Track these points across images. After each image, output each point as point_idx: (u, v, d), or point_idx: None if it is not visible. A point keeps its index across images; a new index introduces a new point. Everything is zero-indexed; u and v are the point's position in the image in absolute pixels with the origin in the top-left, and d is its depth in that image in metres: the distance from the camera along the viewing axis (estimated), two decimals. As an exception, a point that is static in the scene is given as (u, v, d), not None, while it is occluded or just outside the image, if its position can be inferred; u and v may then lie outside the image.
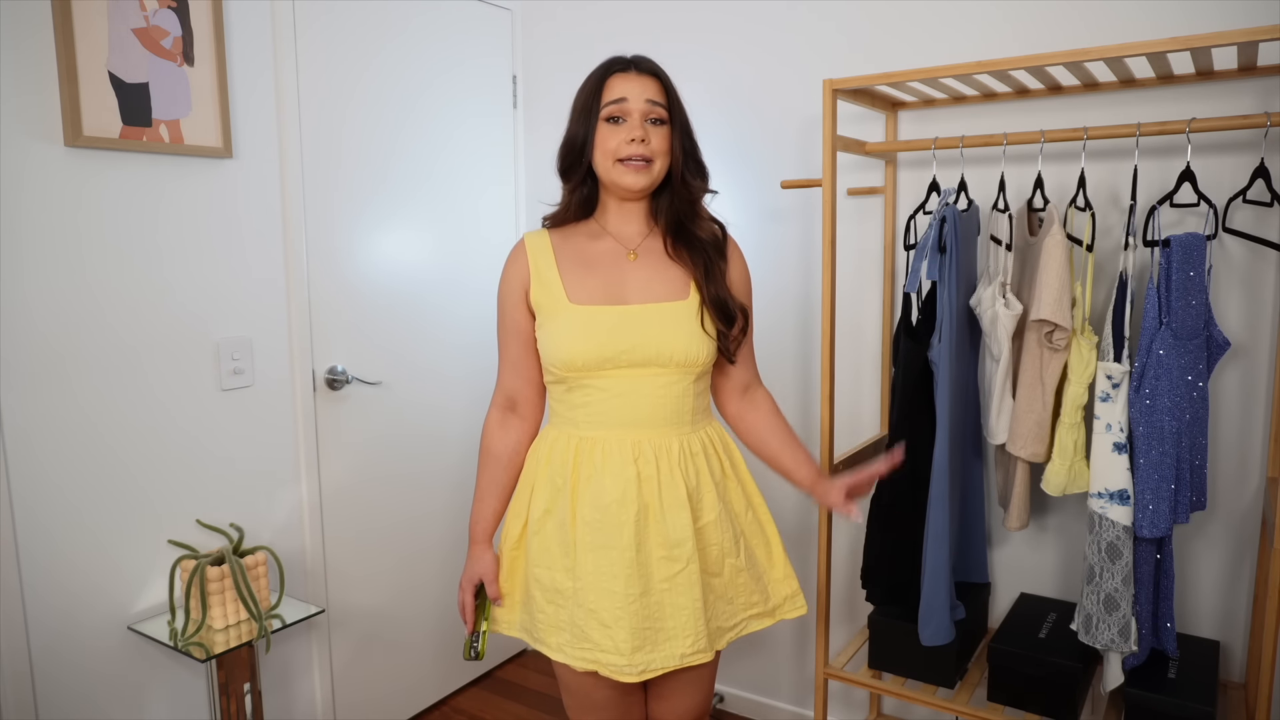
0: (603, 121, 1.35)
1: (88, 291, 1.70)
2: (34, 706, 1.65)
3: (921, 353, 1.76)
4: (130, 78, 1.70)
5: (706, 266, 1.38)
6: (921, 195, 2.00)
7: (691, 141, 1.42)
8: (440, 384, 2.47)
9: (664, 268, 1.40)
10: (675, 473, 1.35)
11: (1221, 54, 1.64)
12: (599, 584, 1.33)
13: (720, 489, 1.41)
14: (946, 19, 1.97)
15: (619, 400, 1.35)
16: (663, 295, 1.37)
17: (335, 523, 2.21)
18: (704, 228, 1.42)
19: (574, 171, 1.40)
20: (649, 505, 1.34)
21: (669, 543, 1.34)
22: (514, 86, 2.63)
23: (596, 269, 1.39)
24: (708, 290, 1.37)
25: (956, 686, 1.80)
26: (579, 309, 1.35)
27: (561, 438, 1.40)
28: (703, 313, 1.37)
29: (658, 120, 1.36)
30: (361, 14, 2.18)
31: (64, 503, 1.68)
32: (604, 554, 1.33)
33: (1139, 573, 1.58)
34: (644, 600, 1.33)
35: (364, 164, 2.22)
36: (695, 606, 1.34)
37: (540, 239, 1.44)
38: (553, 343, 1.36)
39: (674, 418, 1.37)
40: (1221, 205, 1.68)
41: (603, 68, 1.38)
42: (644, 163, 1.34)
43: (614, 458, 1.34)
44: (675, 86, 1.39)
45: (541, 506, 1.39)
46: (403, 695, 2.45)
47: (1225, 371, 1.76)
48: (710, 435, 1.44)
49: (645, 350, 1.33)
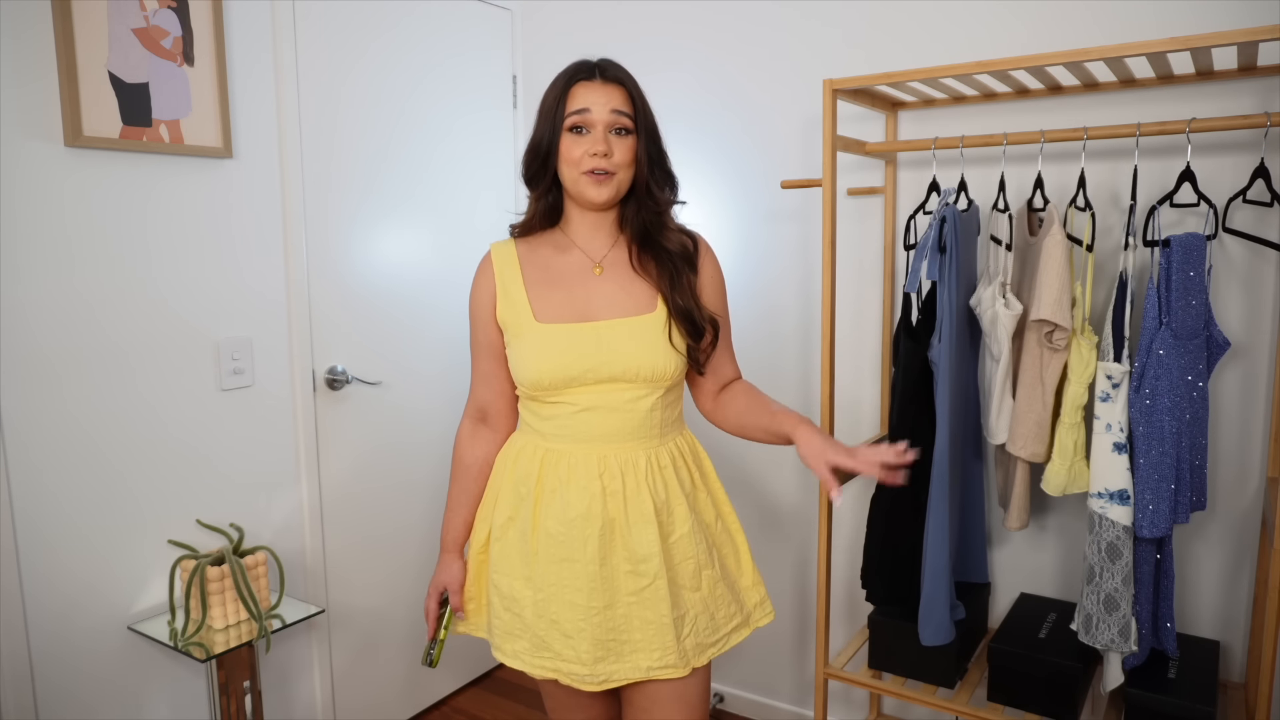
0: (566, 131, 1.31)
1: (87, 291, 1.70)
2: (34, 706, 1.65)
3: (921, 353, 1.76)
4: (130, 78, 1.70)
5: (673, 279, 1.35)
6: (921, 195, 2.00)
7: (659, 150, 1.37)
8: (440, 384, 2.47)
9: (629, 281, 1.37)
10: (642, 487, 1.33)
11: (1221, 54, 1.64)
12: (561, 595, 1.33)
13: (691, 501, 1.38)
14: (946, 19, 1.97)
15: (586, 415, 1.33)
16: (629, 310, 1.35)
17: (335, 522, 2.21)
18: (671, 239, 1.38)
19: (539, 179, 1.37)
20: (614, 520, 1.32)
21: (635, 558, 1.32)
22: (514, 86, 2.63)
23: (562, 284, 1.37)
24: (674, 303, 1.34)
25: (956, 686, 1.80)
26: (545, 328, 1.34)
27: (529, 447, 1.39)
28: (670, 326, 1.34)
29: (622, 130, 1.32)
30: (361, 14, 2.18)
31: (64, 503, 1.68)
32: (567, 566, 1.32)
33: (1139, 573, 1.58)
34: (608, 613, 1.32)
35: (364, 164, 2.22)
36: (663, 621, 1.32)
37: (506, 251, 1.42)
38: (520, 362, 1.35)
39: (642, 431, 1.35)
40: (1221, 205, 1.68)
41: (567, 74, 1.33)
42: (606, 175, 1.31)
43: (579, 472, 1.33)
44: (643, 93, 1.35)
45: (505, 514, 1.39)
46: (403, 695, 2.45)
47: (1225, 371, 1.76)
48: (680, 445, 1.41)
49: (612, 367, 1.31)
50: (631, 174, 1.35)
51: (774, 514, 2.39)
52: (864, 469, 1.22)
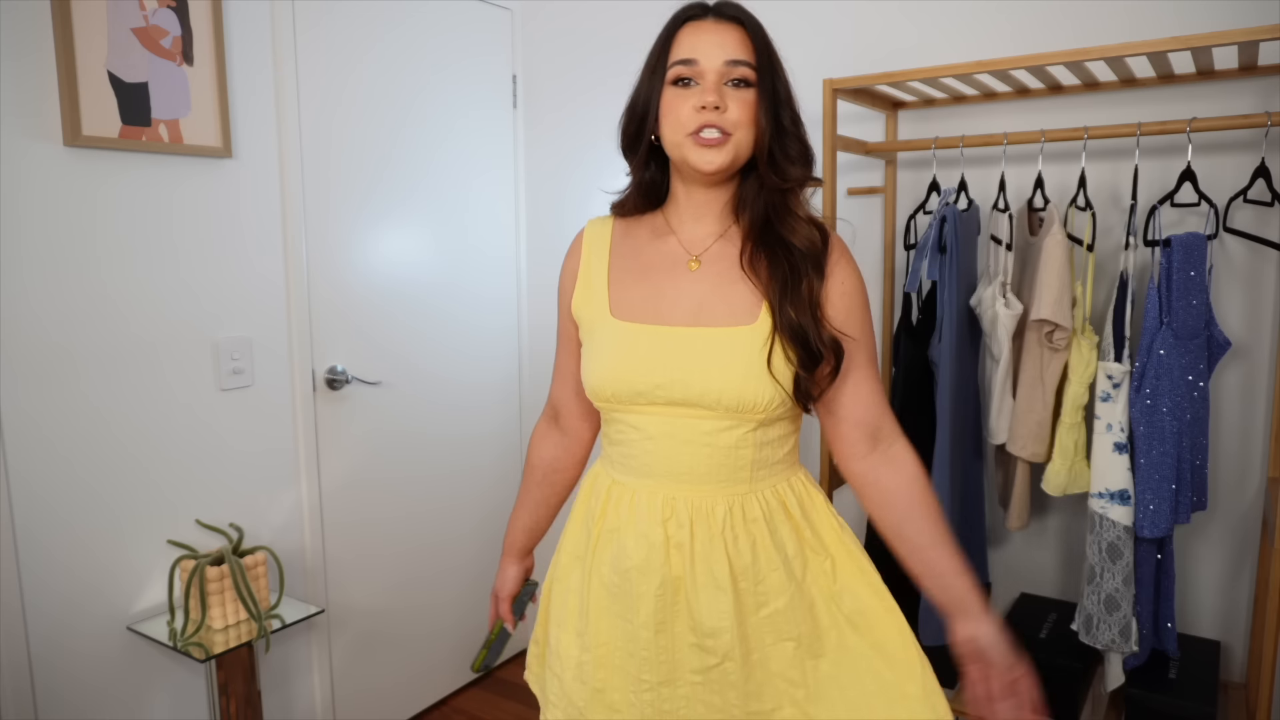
0: (669, 85, 1.06)
1: (87, 291, 1.69)
2: (34, 706, 1.65)
3: (921, 353, 1.76)
4: (130, 77, 1.70)
5: (786, 283, 1.04)
6: (921, 195, 2.00)
7: (791, 112, 1.08)
8: (440, 384, 2.46)
9: (731, 281, 1.08)
10: (716, 543, 1.06)
11: (1222, 54, 1.64)
12: (611, 659, 1.11)
13: (789, 568, 1.08)
14: (947, 18, 1.97)
15: (653, 444, 1.08)
16: (722, 318, 1.06)
17: (335, 522, 2.21)
18: (798, 231, 1.07)
19: (636, 147, 1.12)
20: (679, 579, 1.07)
21: (701, 630, 1.06)
22: (514, 86, 2.63)
23: (649, 277, 1.12)
24: (783, 316, 1.03)
25: (957, 686, 1.80)
26: (617, 325, 1.10)
27: (602, 476, 1.17)
28: (773, 345, 1.04)
29: (741, 82, 1.04)
30: (361, 14, 2.17)
31: (63, 502, 1.68)
32: (621, 625, 1.10)
33: (1140, 573, 1.58)
34: (663, 691, 1.09)
35: (364, 163, 2.22)
36: (731, 714, 1.08)
37: (601, 229, 1.18)
38: (585, 363, 1.13)
39: (723, 473, 1.07)
40: (1222, 205, 1.68)
41: (676, 17, 1.10)
42: (719, 137, 1.03)
43: (641, 514, 1.09)
44: (768, 38, 1.10)
45: (571, 550, 1.20)
46: (403, 695, 2.45)
47: (1225, 371, 1.76)
48: (782, 494, 1.11)
49: (688, 388, 1.04)
50: (753, 138, 1.05)
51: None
52: None
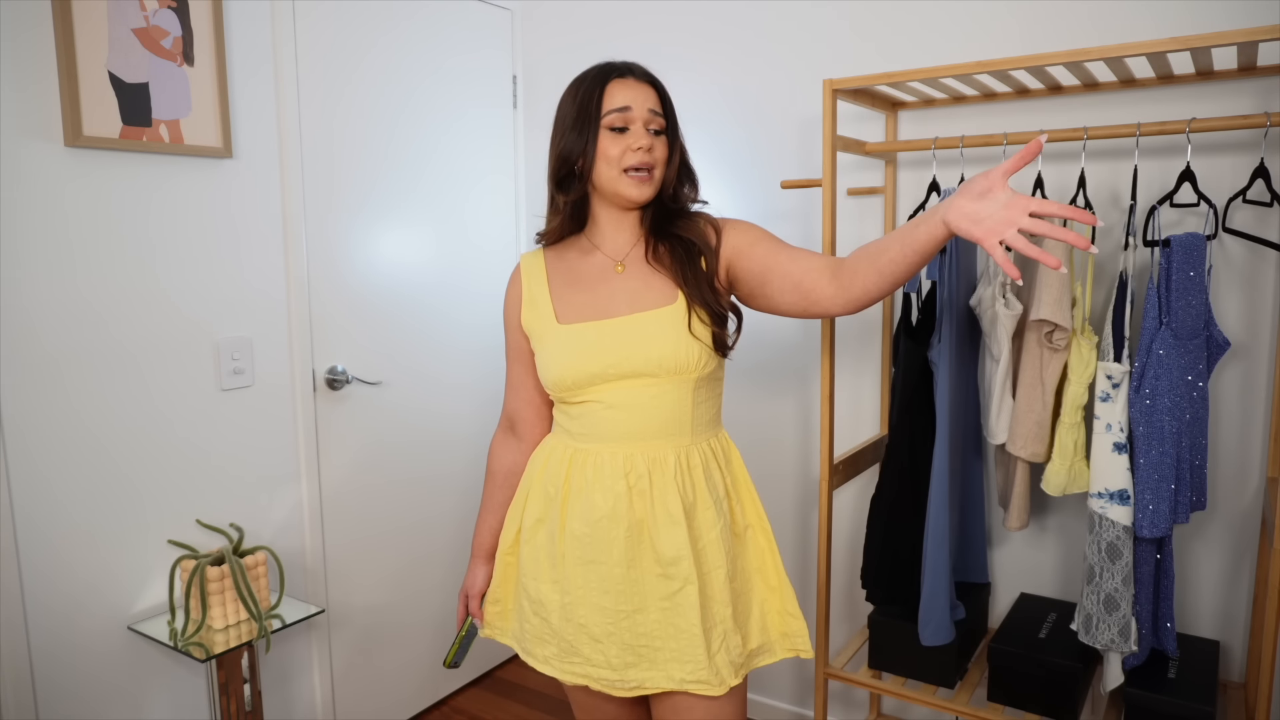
0: (605, 130, 1.30)
1: (88, 291, 1.70)
2: (34, 706, 1.65)
3: (921, 353, 1.76)
4: (130, 78, 1.70)
5: (684, 266, 1.33)
6: (921, 195, 2.00)
7: (684, 153, 1.39)
8: (440, 384, 2.47)
9: (650, 275, 1.36)
10: (670, 486, 1.30)
11: (1221, 54, 1.64)
12: (588, 598, 1.31)
13: (720, 506, 1.34)
14: (946, 18, 1.97)
15: (612, 413, 1.32)
16: (649, 304, 1.33)
17: (335, 523, 2.21)
18: (689, 227, 1.36)
19: (569, 184, 1.36)
20: (642, 520, 1.30)
21: (663, 560, 1.29)
22: (514, 86, 2.63)
23: (585, 285, 1.37)
24: (688, 292, 1.32)
25: (956, 686, 1.80)
26: (566, 328, 1.34)
27: (559, 447, 1.38)
28: (691, 314, 1.31)
29: (658, 130, 1.33)
30: (361, 14, 2.18)
31: (64, 503, 1.68)
32: (593, 569, 1.31)
33: (1139, 573, 1.58)
34: (638, 618, 1.30)
35: (364, 164, 2.22)
36: (693, 631, 1.28)
37: (535, 260, 1.43)
38: (543, 365, 1.36)
39: (671, 428, 1.32)
40: (1221, 205, 1.68)
41: (599, 74, 1.32)
42: (647, 173, 1.32)
43: (605, 471, 1.31)
44: (671, 97, 1.37)
45: (534, 515, 1.38)
46: (403, 695, 2.45)
47: (1225, 371, 1.76)
48: (714, 447, 1.38)
49: (634, 361, 1.29)
50: (664, 172, 1.35)
51: (774, 514, 2.38)
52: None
